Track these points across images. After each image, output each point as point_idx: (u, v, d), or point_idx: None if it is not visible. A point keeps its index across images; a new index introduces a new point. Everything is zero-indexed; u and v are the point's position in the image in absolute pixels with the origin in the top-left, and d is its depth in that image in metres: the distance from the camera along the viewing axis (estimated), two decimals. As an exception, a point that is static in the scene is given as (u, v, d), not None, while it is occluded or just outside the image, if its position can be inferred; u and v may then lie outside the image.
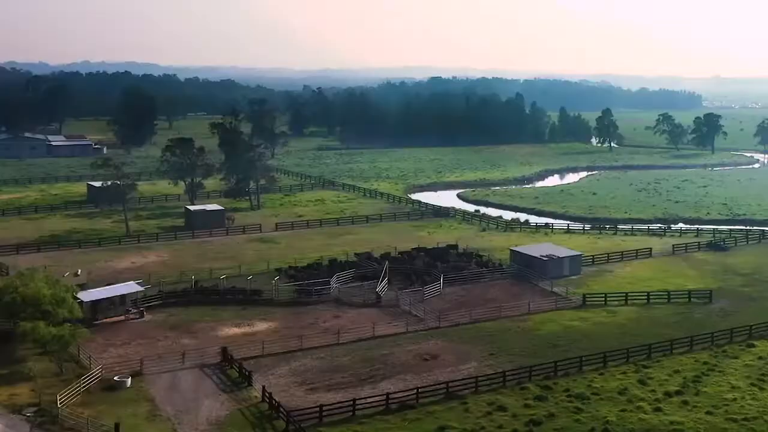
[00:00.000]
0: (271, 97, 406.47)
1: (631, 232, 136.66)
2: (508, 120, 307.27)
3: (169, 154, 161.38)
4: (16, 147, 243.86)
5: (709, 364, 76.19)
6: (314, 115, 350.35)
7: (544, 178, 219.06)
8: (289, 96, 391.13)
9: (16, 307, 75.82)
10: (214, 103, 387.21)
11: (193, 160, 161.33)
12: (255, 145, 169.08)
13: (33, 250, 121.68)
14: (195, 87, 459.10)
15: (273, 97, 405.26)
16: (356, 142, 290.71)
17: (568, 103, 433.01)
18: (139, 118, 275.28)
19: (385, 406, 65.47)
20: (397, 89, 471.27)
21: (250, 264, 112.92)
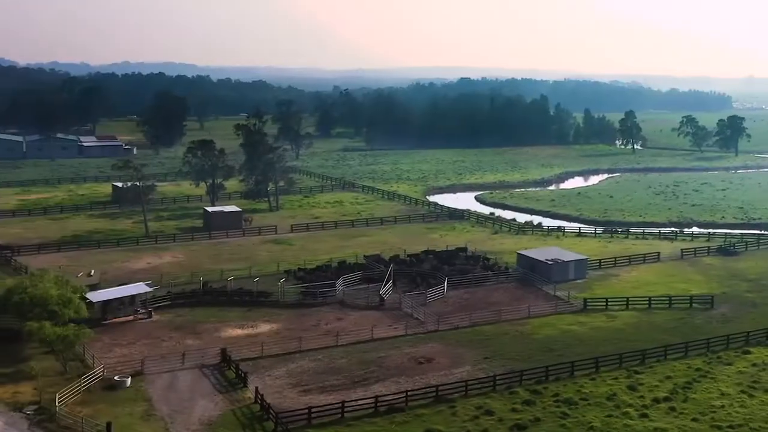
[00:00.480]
0: (301, 98, 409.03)
1: (643, 235, 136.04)
2: (532, 121, 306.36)
3: (191, 156, 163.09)
4: (48, 147, 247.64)
5: (702, 370, 75.95)
6: (342, 116, 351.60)
7: (564, 180, 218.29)
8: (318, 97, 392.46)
9: (24, 307, 77.45)
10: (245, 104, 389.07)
11: (214, 162, 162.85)
12: (275, 147, 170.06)
13: (54, 250, 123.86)
14: (227, 88, 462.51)
15: (303, 98, 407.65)
16: (381, 143, 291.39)
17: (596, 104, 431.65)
18: (169, 120, 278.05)
19: (374, 408, 66.14)
20: (425, 90, 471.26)
21: (261, 265, 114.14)
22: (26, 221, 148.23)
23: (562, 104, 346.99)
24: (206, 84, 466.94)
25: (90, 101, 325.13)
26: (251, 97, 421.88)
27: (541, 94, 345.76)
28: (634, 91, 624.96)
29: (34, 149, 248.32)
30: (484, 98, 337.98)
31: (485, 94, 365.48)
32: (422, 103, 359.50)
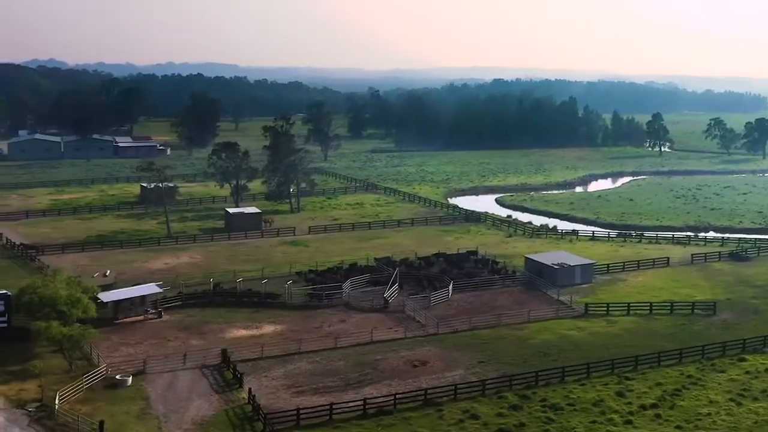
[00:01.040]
0: (335, 99, 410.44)
1: (656, 240, 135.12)
2: (560, 123, 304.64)
3: (216, 158, 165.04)
4: (85, 148, 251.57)
5: (694, 377, 75.65)
6: (373, 118, 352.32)
7: (587, 183, 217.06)
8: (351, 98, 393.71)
9: (34, 307, 79.46)
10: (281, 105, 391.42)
11: (238, 164, 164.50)
12: (297, 149, 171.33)
13: (77, 249, 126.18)
14: (263, 89, 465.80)
15: (338, 99, 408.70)
16: (410, 144, 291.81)
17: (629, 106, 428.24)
18: (202, 121, 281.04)
19: (362, 411, 66.93)
20: (458, 91, 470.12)
21: (275, 267, 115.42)
22: (55, 221, 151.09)
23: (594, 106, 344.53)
24: (243, 85, 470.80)
25: (128, 102, 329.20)
26: (287, 98, 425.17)
27: (570, 96, 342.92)
28: (669, 93, 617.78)
29: (72, 150, 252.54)
30: (513, 100, 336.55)
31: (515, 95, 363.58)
32: (453, 104, 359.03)
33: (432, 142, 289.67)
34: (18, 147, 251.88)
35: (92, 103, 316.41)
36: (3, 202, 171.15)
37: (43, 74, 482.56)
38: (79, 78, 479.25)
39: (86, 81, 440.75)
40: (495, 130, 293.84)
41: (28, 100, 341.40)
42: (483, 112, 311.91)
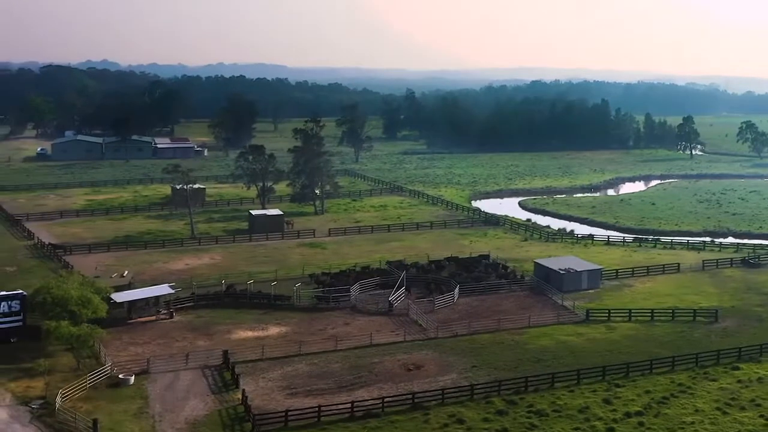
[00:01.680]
0: (374, 101, 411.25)
1: (671, 245, 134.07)
2: (592, 126, 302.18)
3: (243, 160, 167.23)
4: (124, 149, 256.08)
5: (684, 385, 75.37)
6: (407, 119, 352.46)
7: (613, 186, 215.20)
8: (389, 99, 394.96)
9: (47, 307, 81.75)
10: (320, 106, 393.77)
11: (265, 166, 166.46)
12: (322, 152, 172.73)
13: (104, 249, 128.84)
14: (303, 90, 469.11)
15: (376, 101, 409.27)
16: (442, 146, 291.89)
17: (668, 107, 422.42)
18: (239, 122, 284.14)
19: (350, 413, 67.95)
20: (496, 93, 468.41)
21: (290, 268, 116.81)
22: (87, 221, 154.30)
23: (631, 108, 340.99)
24: (284, 86, 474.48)
25: (169, 104, 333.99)
26: (326, 99, 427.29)
27: (603, 98, 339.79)
28: (708, 94, 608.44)
29: (112, 150, 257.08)
30: (545, 102, 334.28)
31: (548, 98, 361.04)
32: (488, 106, 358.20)
33: (464, 144, 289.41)
34: (60, 147, 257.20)
35: (134, 104, 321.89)
36: (41, 202, 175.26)
37: (93, 76, 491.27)
38: (126, 80, 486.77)
39: (132, 83, 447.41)
40: (526, 133, 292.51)
41: (75, 101, 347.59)
42: (515, 115, 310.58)
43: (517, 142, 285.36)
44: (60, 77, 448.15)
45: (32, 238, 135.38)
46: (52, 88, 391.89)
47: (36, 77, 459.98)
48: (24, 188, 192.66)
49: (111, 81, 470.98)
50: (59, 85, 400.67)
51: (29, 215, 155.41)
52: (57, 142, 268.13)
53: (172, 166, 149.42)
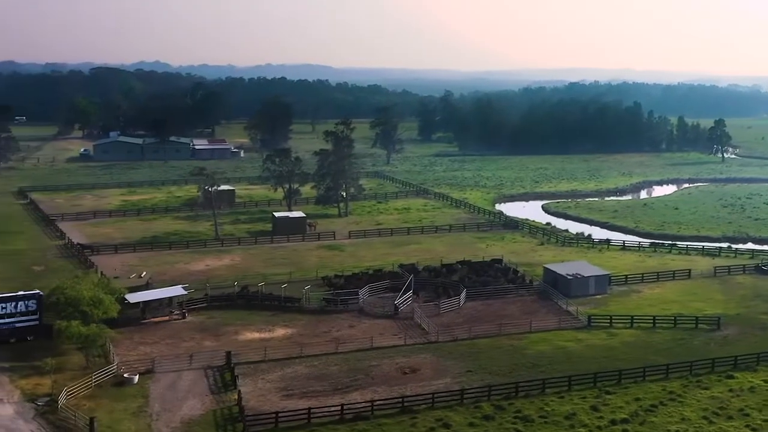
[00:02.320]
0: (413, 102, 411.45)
1: (686, 250, 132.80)
2: (624, 128, 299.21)
3: (270, 163, 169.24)
4: (163, 150, 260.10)
5: (675, 393, 75.08)
6: (443, 121, 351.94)
7: (639, 190, 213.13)
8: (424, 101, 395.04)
9: (60, 307, 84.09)
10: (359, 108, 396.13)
11: (291, 168, 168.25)
12: (347, 154, 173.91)
13: (130, 250, 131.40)
14: (342, 91, 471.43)
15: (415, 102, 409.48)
16: (474, 148, 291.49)
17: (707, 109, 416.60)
18: (275, 124, 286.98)
19: (340, 416, 68.98)
20: (533, 94, 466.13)
21: (306, 270, 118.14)
22: (119, 221, 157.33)
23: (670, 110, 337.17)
24: (324, 88, 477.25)
25: (209, 105, 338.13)
26: (365, 101, 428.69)
27: (638, 100, 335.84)
28: (750, 96, 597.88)
29: (151, 151, 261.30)
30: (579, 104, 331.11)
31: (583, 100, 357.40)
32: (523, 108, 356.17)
33: (496, 146, 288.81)
34: (102, 148, 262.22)
35: (176, 106, 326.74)
36: (77, 202, 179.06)
37: (140, 77, 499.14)
38: (171, 81, 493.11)
39: (177, 84, 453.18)
40: (559, 135, 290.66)
41: (121, 102, 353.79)
42: (548, 117, 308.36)
43: (549, 145, 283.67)
44: (108, 79, 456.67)
45: (63, 237, 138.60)
46: (100, 89, 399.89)
47: (85, 79, 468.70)
48: (63, 188, 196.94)
49: (157, 82, 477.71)
50: (107, 87, 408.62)
51: (64, 215, 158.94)
52: (99, 143, 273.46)
53: (198, 169, 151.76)
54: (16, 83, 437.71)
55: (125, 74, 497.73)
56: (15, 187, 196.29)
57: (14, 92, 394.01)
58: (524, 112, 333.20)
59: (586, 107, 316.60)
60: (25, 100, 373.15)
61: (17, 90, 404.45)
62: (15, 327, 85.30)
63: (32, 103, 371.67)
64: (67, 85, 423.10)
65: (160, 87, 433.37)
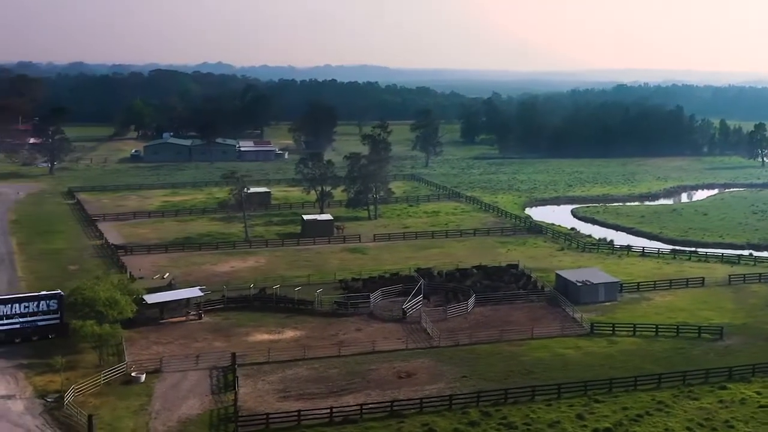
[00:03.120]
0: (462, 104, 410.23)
1: (705, 258, 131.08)
2: (666, 132, 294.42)
3: (302, 166, 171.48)
4: (210, 152, 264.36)
5: (663, 403, 74.72)
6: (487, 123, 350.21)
7: (673, 195, 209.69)
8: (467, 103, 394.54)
9: (77, 307, 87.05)
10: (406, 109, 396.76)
11: (323, 172, 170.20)
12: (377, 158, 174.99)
13: (161, 251, 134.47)
14: (391, 93, 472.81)
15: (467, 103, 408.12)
16: (514, 151, 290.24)
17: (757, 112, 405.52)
18: (319, 127, 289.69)
19: (329, 419, 70.29)
20: (581, 96, 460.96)
21: (326, 273, 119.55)
22: (157, 222, 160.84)
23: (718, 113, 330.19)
24: (373, 90, 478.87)
25: (257, 108, 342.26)
26: (413, 102, 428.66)
27: (681, 103, 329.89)
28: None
29: (198, 153, 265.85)
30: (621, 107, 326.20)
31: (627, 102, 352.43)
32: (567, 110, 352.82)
33: (536, 149, 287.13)
34: (152, 149, 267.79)
35: (227, 108, 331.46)
36: (122, 203, 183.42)
37: (196, 79, 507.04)
38: (226, 83, 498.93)
39: (231, 86, 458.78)
40: (599, 139, 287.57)
41: (176, 104, 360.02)
42: (590, 120, 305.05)
43: (589, 148, 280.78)
44: (166, 81, 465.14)
45: (101, 238, 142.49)
46: (158, 91, 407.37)
47: (144, 81, 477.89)
48: (110, 189, 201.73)
49: (213, 84, 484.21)
50: (165, 89, 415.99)
51: (105, 215, 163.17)
52: (149, 144, 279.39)
53: (229, 172, 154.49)
54: (80, 85, 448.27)
55: (182, 76, 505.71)
56: (66, 187, 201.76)
57: (77, 94, 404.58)
58: (567, 114, 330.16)
59: (628, 110, 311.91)
60: (86, 102, 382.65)
61: (79, 92, 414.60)
62: (37, 325, 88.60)
63: (92, 105, 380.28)
64: (127, 87, 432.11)
65: (215, 89, 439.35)
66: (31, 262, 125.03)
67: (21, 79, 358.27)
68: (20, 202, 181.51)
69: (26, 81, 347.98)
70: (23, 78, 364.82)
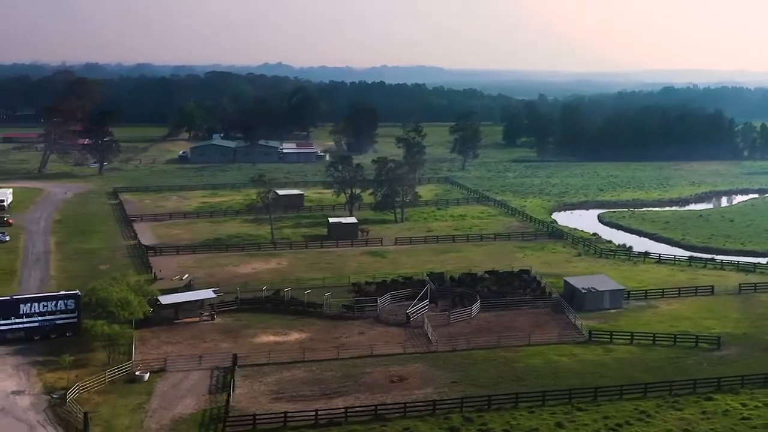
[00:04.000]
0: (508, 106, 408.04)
1: (721, 265, 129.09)
2: (706, 135, 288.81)
3: (333, 169, 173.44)
4: (253, 154, 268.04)
5: (646, 413, 74.44)
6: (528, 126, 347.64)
7: (704, 200, 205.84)
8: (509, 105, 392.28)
9: (90, 307, 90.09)
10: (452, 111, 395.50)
11: (353, 175, 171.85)
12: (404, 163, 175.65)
13: (189, 252, 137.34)
14: (438, 95, 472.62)
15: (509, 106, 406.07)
16: (553, 154, 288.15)
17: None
18: (361, 128, 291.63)
19: (314, 421, 71.72)
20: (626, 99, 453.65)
21: (342, 276, 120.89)
22: (191, 223, 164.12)
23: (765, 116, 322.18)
24: (421, 92, 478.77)
25: (303, 110, 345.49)
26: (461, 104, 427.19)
27: (716, 108, 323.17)
28: None
29: (242, 154, 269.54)
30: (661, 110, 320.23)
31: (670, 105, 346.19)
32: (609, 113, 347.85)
33: (575, 152, 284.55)
34: (198, 151, 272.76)
35: (275, 109, 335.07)
36: (162, 203, 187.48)
37: (250, 81, 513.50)
38: (279, 85, 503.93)
39: (282, 88, 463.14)
40: (638, 142, 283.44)
41: (227, 106, 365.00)
42: (630, 123, 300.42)
43: (628, 152, 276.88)
44: (220, 82, 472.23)
45: (135, 238, 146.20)
46: (213, 92, 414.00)
47: (200, 82, 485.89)
48: (153, 189, 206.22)
49: (266, 86, 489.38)
50: (218, 90, 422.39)
51: (143, 216, 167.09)
52: (196, 145, 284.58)
53: (257, 175, 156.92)
54: (140, 86, 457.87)
55: (236, 78, 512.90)
56: (112, 187, 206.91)
57: (136, 95, 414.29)
58: (608, 117, 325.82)
59: (666, 113, 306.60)
60: (145, 103, 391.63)
61: (138, 93, 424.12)
62: (55, 324, 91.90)
63: (150, 106, 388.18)
64: (183, 88, 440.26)
65: (267, 90, 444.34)
66: (65, 262, 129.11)
67: (80, 81, 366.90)
68: (67, 202, 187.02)
69: (84, 84, 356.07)
70: (82, 81, 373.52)
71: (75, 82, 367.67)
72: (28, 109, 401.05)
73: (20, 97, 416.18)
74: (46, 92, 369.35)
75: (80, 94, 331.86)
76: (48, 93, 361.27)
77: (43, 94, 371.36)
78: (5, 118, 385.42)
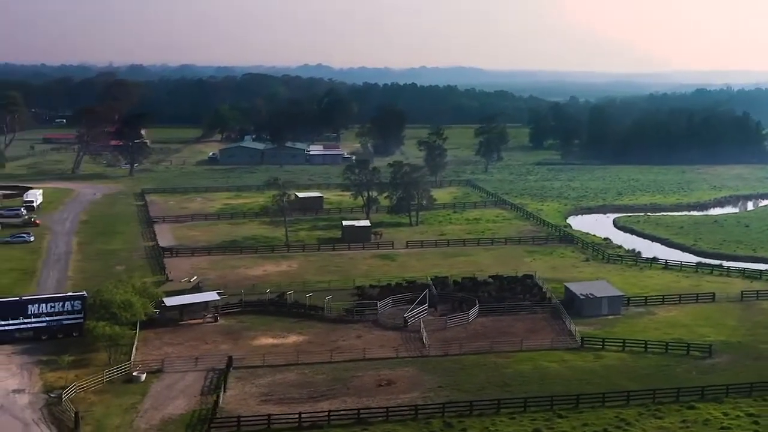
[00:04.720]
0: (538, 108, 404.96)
1: (727, 272, 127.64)
2: (732, 139, 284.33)
3: (349, 172, 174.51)
4: (280, 155, 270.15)
5: (626, 421, 74.36)
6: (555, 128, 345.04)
7: (723, 204, 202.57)
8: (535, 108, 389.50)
9: (94, 308, 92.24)
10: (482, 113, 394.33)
11: (370, 178, 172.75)
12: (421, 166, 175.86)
13: (204, 253, 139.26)
14: (469, 97, 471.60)
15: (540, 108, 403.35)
16: (577, 157, 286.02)
17: None
18: (388, 130, 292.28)
19: (298, 423, 72.82)
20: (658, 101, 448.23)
21: (349, 279, 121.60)
22: (212, 225, 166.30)
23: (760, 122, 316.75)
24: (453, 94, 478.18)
25: (334, 112, 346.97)
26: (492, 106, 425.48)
27: (744, 111, 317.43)
28: None
29: (270, 156, 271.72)
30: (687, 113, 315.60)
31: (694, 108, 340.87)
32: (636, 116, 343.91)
33: (600, 155, 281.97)
34: (228, 153, 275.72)
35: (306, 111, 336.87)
36: (186, 204, 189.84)
37: (285, 82, 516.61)
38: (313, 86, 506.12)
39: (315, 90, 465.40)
40: (663, 145, 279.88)
41: (261, 108, 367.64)
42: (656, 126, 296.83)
43: (652, 155, 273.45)
44: (256, 84, 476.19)
45: (154, 239, 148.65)
46: (247, 94, 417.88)
47: (236, 84, 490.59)
48: (180, 191, 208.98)
49: (301, 88, 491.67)
50: (253, 92, 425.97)
51: (165, 217, 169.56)
52: (225, 147, 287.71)
53: (273, 178, 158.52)
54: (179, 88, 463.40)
55: (272, 80, 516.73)
56: (140, 188, 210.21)
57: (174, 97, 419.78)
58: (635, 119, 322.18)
59: (692, 116, 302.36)
60: (183, 104, 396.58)
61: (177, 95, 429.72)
62: (62, 324, 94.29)
63: (187, 107, 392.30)
64: (220, 90, 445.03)
65: (301, 92, 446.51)
66: (84, 262, 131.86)
67: (118, 83, 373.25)
68: (95, 203, 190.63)
69: (122, 85, 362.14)
70: (120, 83, 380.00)
71: (113, 84, 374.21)
72: (69, 110, 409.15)
73: (63, 98, 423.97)
74: (88, 94, 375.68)
75: (117, 96, 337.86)
76: (90, 95, 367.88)
77: (85, 95, 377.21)
78: (47, 119, 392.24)
